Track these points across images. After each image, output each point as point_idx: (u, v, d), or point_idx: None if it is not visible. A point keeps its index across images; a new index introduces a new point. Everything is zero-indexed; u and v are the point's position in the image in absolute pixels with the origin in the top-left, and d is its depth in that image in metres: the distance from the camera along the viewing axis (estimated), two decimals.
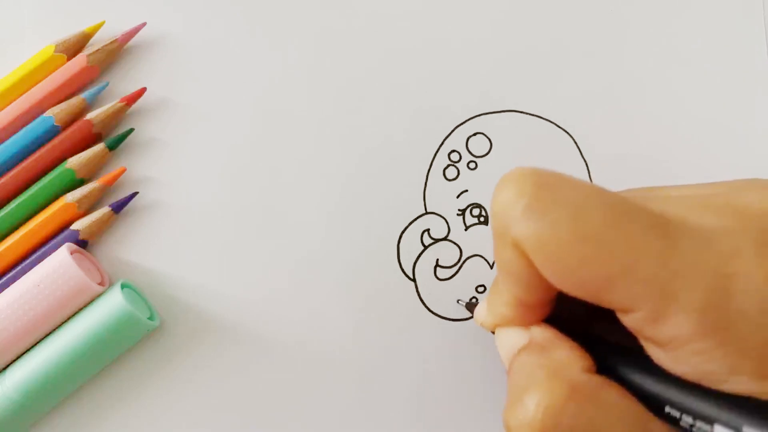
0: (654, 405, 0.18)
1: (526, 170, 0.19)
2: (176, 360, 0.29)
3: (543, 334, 0.21)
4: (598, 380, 0.19)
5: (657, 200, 0.19)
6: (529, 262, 0.19)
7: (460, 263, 0.30)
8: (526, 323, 0.22)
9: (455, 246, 0.30)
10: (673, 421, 0.18)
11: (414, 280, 0.29)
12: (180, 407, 0.29)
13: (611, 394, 0.19)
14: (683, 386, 0.18)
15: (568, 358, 0.20)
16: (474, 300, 0.29)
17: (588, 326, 0.21)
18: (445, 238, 0.30)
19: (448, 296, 0.29)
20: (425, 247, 0.30)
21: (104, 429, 0.29)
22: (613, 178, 0.30)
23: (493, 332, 0.24)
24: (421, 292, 0.29)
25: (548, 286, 0.19)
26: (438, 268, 0.30)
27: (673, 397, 0.18)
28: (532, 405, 0.19)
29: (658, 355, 0.18)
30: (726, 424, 0.17)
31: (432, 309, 0.29)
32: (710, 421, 0.17)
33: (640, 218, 0.18)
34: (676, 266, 0.17)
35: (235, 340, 0.29)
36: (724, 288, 0.17)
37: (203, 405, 0.29)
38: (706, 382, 0.17)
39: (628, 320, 0.19)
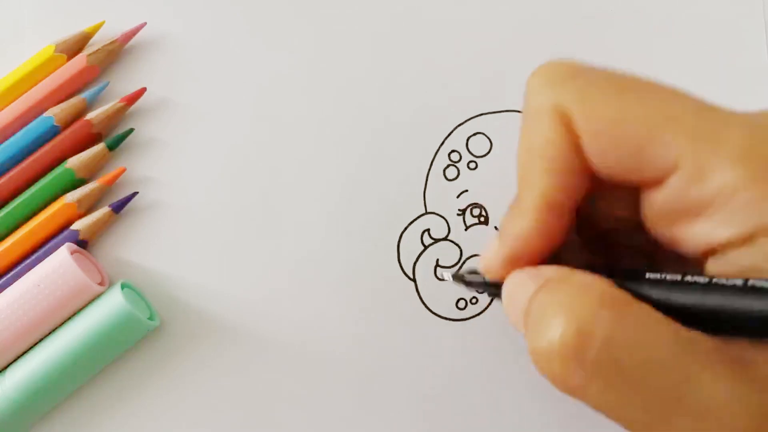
0: (681, 316, 0.17)
1: (557, 59, 0.20)
2: (176, 360, 0.29)
3: (557, 270, 0.19)
4: (626, 294, 0.17)
5: None
6: (569, 133, 0.19)
7: (460, 263, 0.30)
8: (544, 247, 0.20)
9: (455, 246, 0.30)
10: (711, 328, 0.17)
11: (414, 280, 0.29)
12: (180, 407, 0.29)
13: (642, 305, 0.17)
14: (708, 287, 0.17)
15: (591, 278, 0.18)
16: (474, 296, 0.29)
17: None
18: (445, 238, 0.30)
19: (448, 296, 0.29)
20: (425, 247, 0.30)
21: (104, 429, 0.29)
22: None
23: (498, 288, 0.21)
24: (421, 292, 0.29)
25: (581, 172, 0.19)
26: (438, 268, 0.30)
27: (699, 301, 0.17)
28: (562, 320, 0.17)
29: (690, 235, 0.18)
30: (759, 314, 0.16)
31: (432, 309, 0.29)
32: (743, 315, 0.16)
33: (672, 86, 0.19)
34: (718, 116, 0.17)
35: (235, 340, 0.29)
36: (765, 128, 0.17)
37: (203, 405, 0.29)
38: (756, 275, 0.16)
39: (665, 193, 0.18)
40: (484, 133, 0.30)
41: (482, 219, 0.30)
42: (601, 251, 0.23)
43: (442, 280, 0.29)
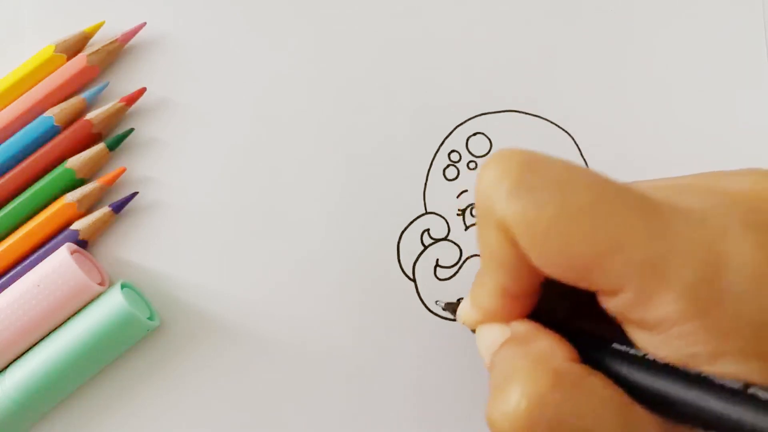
0: (637, 393, 0.18)
1: (510, 151, 0.19)
2: (176, 360, 0.29)
3: (524, 327, 0.20)
4: (581, 369, 0.19)
5: (643, 188, 0.19)
6: (514, 245, 0.19)
7: (460, 263, 0.30)
8: (509, 317, 0.21)
9: (455, 246, 0.30)
10: (657, 408, 0.18)
11: (414, 280, 0.29)
12: (180, 407, 0.29)
13: (595, 382, 0.18)
14: (667, 372, 0.18)
15: (550, 347, 0.19)
16: (457, 301, 0.29)
17: (570, 321, 0.21)
18: (445, 238, 0.30)
19: (448, 296, 0.29)
20: (425, 247, 0.30)
21: (104, 429, 0.29)
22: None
23: (475, 331, 0.23)
24: (421, 292, 0.29)
25: (533, 272, 0.19)
26: (438, 268, 0.30)
27: (656, 384, 0.18)
28: (516, 395, 0.18)
29: (642, 338, 0.18)
30: (708, 407, 0.17)
31: (432, 309, 0.29)
32: (694, 406, 0.17)
33: (628, 197, 0.18)
34: (666, 244, 0.17)
35: (235, 340, 0.29)
36: (714, 266, 0.17)
37: (203, 405, 0.29)
38: (692, 365, 0.17)
39: (614, 303, 0.18)
40: (484, 133, 0.30)
41: None
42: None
43: (443, 309, 0.29)
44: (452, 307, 0.28)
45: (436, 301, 0.29)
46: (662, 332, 0.17)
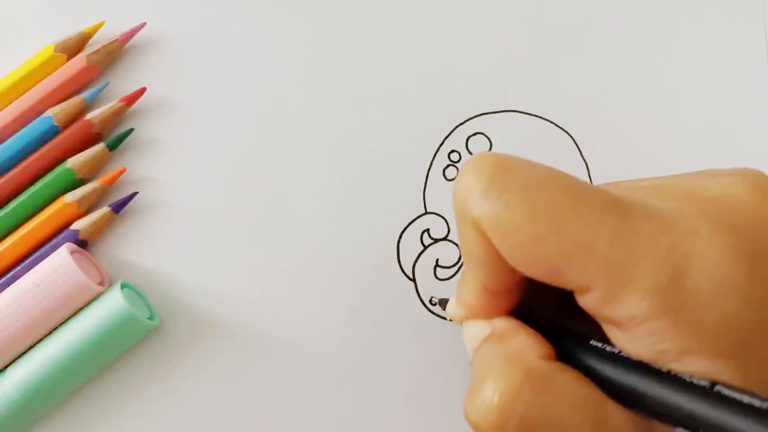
0: (611, 389, 0.19)
1: (487, 155, 0.20)
2: (176, 360, 0.29)
3: (503, 324, 0.21)
4: (553, 366, 0.19)
5: (619, 190, 0.20)
6: (490, 244, 0.19)
7: (460, 263, 0.30)
8: (491, 313, 0.22)
9: (455, 246, 0.30)
10: (630, 404, 0.18)
11: (414, 280, 0.29)
12: (180, 407, 0.29)
13: (567, 379, 0.19)
14: (639, 368, 0.18)
15: (524, 345, 0.20)
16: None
17: (555, 318, 0.22)
18: (445, 238, 0.30)
19: (448, 296, 0.29)
20: (425, 247, 0.30)
21: (104, 429, 0.29)
22: (613, 178, 0.30)
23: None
24: (421, 292, 0.29)
25: (511, 270, 0.20)
26: (438, 268, 0.30)
27: (628, 380, 0.18)
28: (489, 392, 0.19)
29: (615, 336, 0.19)
30: (677, 404, 0.17)
31: (432, 309, 0.29)
32: (663, 402, 0.17)
33: (596, 198, 0.18)
34: (632, 245, 0.18)
35: (235, 339, 0.29)
36: (679, 267, 0.17)
37: (203, 405, 0.29)
38: (661, 362, 0.18)
39: (584, 300, 0.19)
40: (484, 133, 0.30)
41: None
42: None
43: (434, 304, 0.29)
44: (444, 304, 0.28)
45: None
46: (631, 329, 0.18)
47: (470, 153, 0.30)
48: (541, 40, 0.31)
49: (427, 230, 0.30)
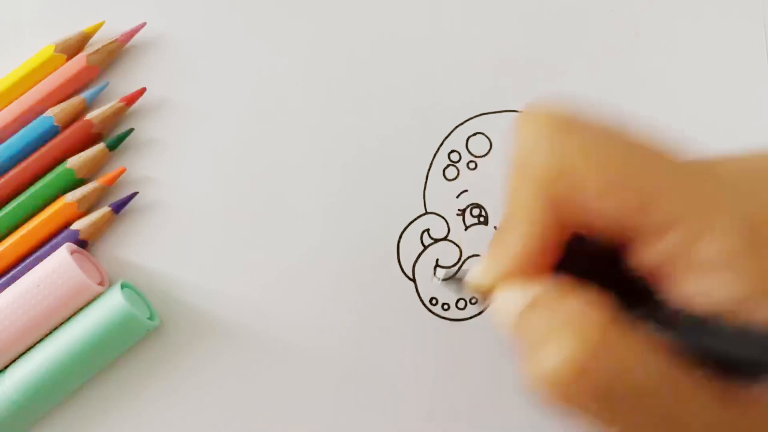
0: (683, 348, 0.17)
1: (541, 106, 0.19)
2: (176, 360, 0.29)
3: (550, 286, 0.20)
4: (618, 328, 0.18)
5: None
6: (550, 197, 0.19)
7: (459, 263, 0.30)
8: (532, 273, 0.20)
9: (455, 246, 0.30)
10: (705, 360, 0.17)
11: (414, 280, 0.29)
12: (180, 407, 0.29)
13: (636, 341, 0.18)
14: (713, 323, 0.17)
15: (587, 303, 0.18)
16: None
17: (595, 279, 0.20)
18: (445, 238, 0.30)
19: (448, 296, 0.29)
20: (425, 247, 0.30)
21: (104, 429, 0.29)
22: None
23: (485, 297, 0.22)
24: (421, 292, 0.29)
25: (561, 227, 0.19)
26: (438, 268, 0.30)
27: (702, 337, 0.17)
28: (557, 352, 0.17)
29: (688, 287, 0.18)
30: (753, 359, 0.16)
31: (432, 309, 0.29)
32: (738, 358, 0.16)
33: (668, 145, 0.19)
34: (719, 182, 0.18)
35: (235, 339, 0.29)
36: (766, 204, 0.17)
37: (203, 405, 0.29)
38: (744, 308, 0.17)
39: (660, 247, 0.18)
40: (484, 133, 0.30)
41: (482, 219, 0.30)
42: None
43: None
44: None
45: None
46: (711, 271, 0.17)
47: (470, 153, 0.30)
48: (541, 40, 0.31)
49: (427, 230, 0.30)
